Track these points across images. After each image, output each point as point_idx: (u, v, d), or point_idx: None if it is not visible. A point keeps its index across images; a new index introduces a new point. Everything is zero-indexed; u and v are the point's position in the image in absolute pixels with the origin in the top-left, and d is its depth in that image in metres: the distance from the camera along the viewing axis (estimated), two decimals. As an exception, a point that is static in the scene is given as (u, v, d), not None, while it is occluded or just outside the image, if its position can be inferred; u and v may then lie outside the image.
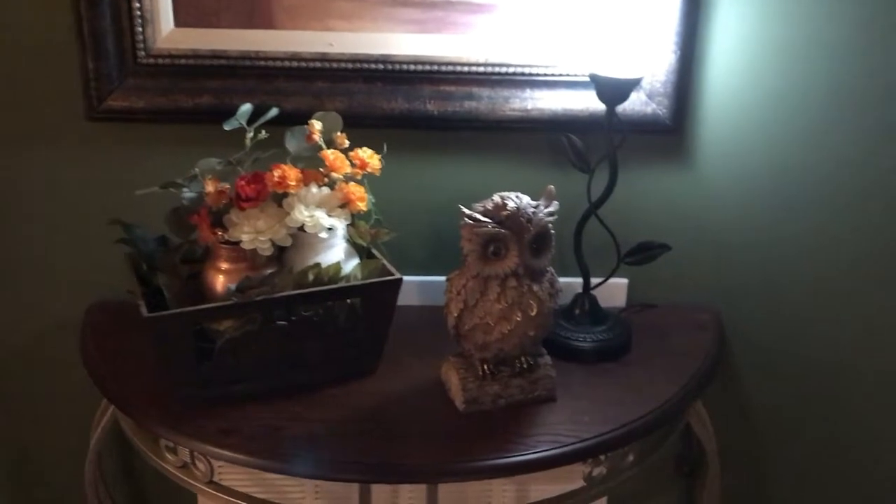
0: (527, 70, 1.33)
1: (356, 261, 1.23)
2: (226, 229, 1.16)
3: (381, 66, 1.32)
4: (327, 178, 1.20)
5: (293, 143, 1.22)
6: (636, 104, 1.34)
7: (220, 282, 1.17)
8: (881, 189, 1.39)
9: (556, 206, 1.14)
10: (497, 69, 1.33)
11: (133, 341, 1.29)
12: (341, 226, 1.20)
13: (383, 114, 1.33)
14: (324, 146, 1.21)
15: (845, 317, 1.47)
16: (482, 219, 1.10)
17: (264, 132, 1.20)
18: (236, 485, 1.27)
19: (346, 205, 1.20)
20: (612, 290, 1.44)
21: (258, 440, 1.12)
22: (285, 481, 1.45)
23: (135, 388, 1.21)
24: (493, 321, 1.13)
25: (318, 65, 1.32)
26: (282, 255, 1.21)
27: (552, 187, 1.14)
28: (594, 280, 1.37)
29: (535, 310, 1.13)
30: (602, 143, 1.27)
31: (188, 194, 1.19)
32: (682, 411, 1.30)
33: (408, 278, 1.24)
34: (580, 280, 1.37)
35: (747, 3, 1.30)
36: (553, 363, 1.23)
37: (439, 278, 1.20)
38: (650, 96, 1.34)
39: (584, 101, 1.34)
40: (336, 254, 1.21)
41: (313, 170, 1.20)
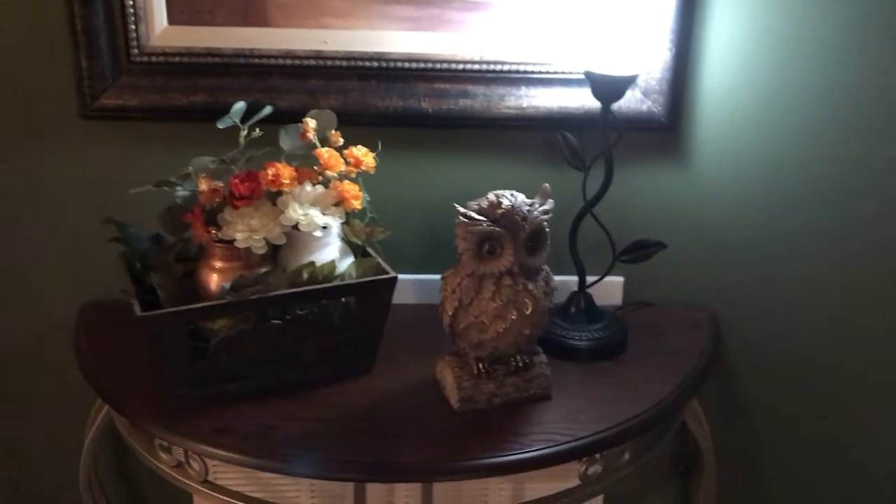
0: (522, 68, 1.33)
1: (351, 259, 1.23)
2: (220, 228, 1.15)
3: (375, 63, 1.32)
4: (321, 177, 1.20)
5: (287, 141, 1.21)
6: (631, 102, 1.33)
7: (214, 281, 1.17)
8: (875, 187, 1.39)
9: (551, 204, 1.14)
10: (492, 67, 1.33)
11: (127, 340, 1.28)
12: (336, 224, 1.19)
13: (378, 112, 1.33)
14: (318, 144, 1.20)
15: (840, 314, 1.47)
16: (477, 217, 1.10)
17: (258, 130, 1.19)
18: (232, 484, 1.27)
19: (340, 203, 1.19)
20: (608, 288, 1.43)
21: (252, 439, 1.12)
22: (281, 480, 1.44)
23: (129, 388, 1.21)
24: (488, 320, 1.13)
25: (313, 62, 1.31)
26: (276, 253, 1.20)
27: (547, 185, 1.14)
28: (590, 278, 1.37)
29: (530, 308, 1.13)
30: (597, 140, 1.27)
31: (182, 193, 1.18)
32: (678, 410, 1.30)
33: (403, 277, 1.24)
34: (576, 278, 1.36)
35: (743, 0, 1.30)
36: (549, 362, 1.23)
37: (435, 276, 1.20)
38: (645, 94, 1.34)
39: (579, 99, 1.34)
40: (331, 252, 1.21)
41: (307, 168, 1.20)
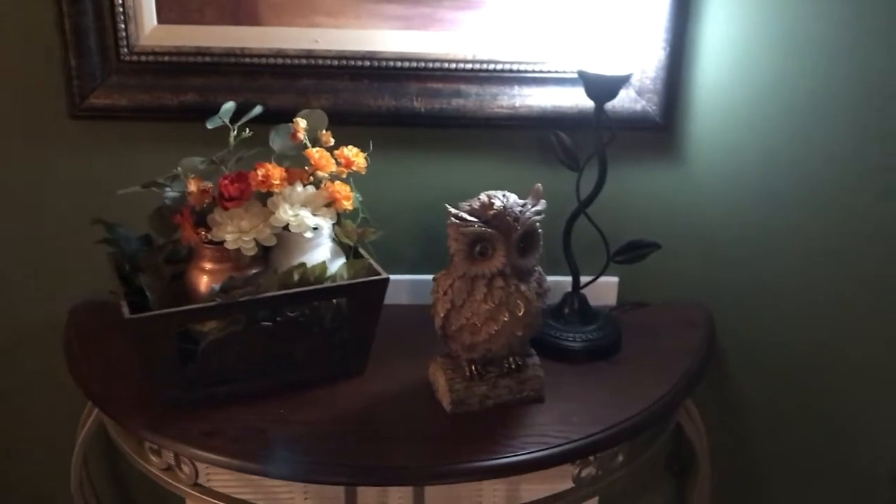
0: (515, 67, 1.32)
1: (342, 260, 1.22)
2: (209, 229, 1.15)
3: (367, 63, 1.31)
4: (312, 177, 1.19)
5: (278, 141, 1.21)
6: (625, 101, 1.32)
7: (203, 282, 1.16)
8: (868, 185, 1.38)
9: (543, 204, 1.13)
10: (485, 66, 1.32)
11: (117, 342, 1.27)
12: (327, 225, 1.18)
13: (370, 111, 1.32)
14: (309, 144, 1.19)
15: (835, 313, 1.46)
16: (468, 218, 1.09)
17: (248, 130, 1.18)
18: (225, 485, 1.27)
19: (331, 204, 1.18)
20: (603, 288, 1.42)
21: (242, 442, 1.11)
22: (273, 482, 1.44)
23: (118, 390, 1.20)
24: (480, 322, 1.12)
25: (304, 62, 1.30)
26: (267, 254, 1.19)
27: (539, 186, 1.13)
28: (584, 278, 1.36)
29: (523, 310, 1.12)
30: (591, 140, 1.26)
31: (171, 194, 1.17)
32: (672, 412, 1.29)
33: (396, 277, 1.23)
34: (570, 279, 1.35)
35: (737, -1, 1.30)
36: (542, 363, 1.22)
37: (428, 277, 1.19)
38: (640, 93, 1.33)
39: (573, 98, 1.32)
40: (322, 253, 1.20)
41: (298, 168, 1.19)
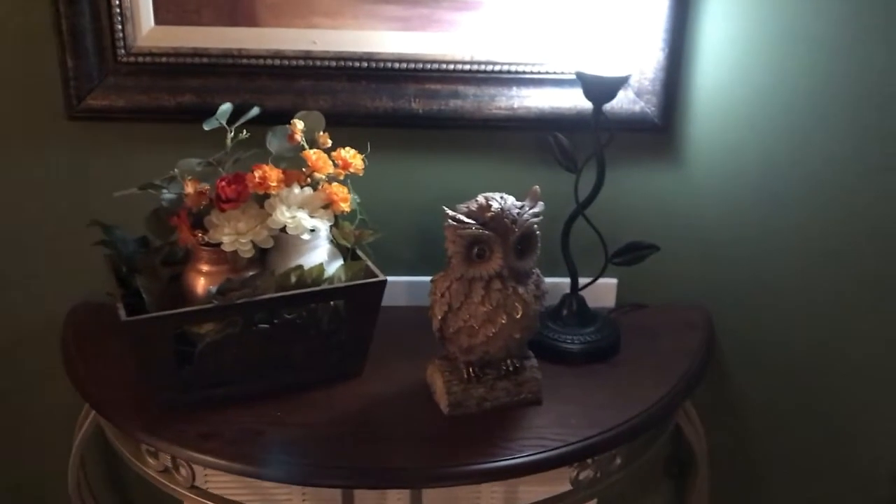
0: (513, 68, 1.32)
1: (340, 262, 1.22)
2: (206, 231, 1.14)
3: (365, 64, 1.31)
4: (310, 179, 1.19)
5: (275, 143, 1.20)
6: (624, 102, 1.32)
7: (200, 284, 1.16)
8: (868, 185, 1.38)
9: (541, 206, 1.12)
10: (483, 67, 1.32)
11: (115, 344, 1.27)
12: (324, 227, 1.18)
13: (367, 112, 1.32)
14: (306, 146, 1.19)
15: (834, 313, 1.46)
16: (466, 220, 1.09)
17: (245, 132, 1.18)
18: (222, 488, 1.26)
19: (328, 205, 1.18)
20: (602, 290, 1.42)
21: (239, 444, 1.10)
22: (271, 484, 1.43)
23: (115, 392, 1.20)
24: (477, 324, 1.12)
25: (302, 63, 1.30)
26: (264, 256, 1.19)
27: (537, 188, 1.13)
28: (582, 280, 1.35)
29: (521, 312, 1.12)
30: (590, 141, 1.26)
31: (167, 196, 1.17)
32: (671, 414, 1.29)
33: (395, 279, 1.22)
34: (568, 280, 1.35)
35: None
36: (540, 365, 1.21)
37: (426, 278, 1.18)
38: (638, 94, 1.33)
39: (571, 100, 1.32)
40: (319, 255, 1.19)
41: (295, 170, 1.19)
